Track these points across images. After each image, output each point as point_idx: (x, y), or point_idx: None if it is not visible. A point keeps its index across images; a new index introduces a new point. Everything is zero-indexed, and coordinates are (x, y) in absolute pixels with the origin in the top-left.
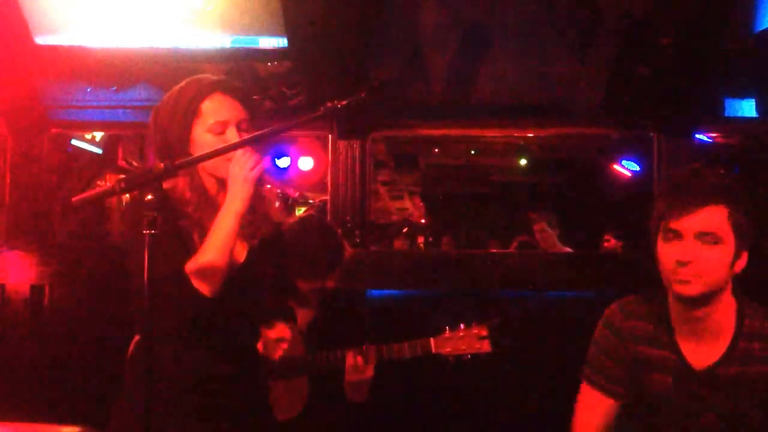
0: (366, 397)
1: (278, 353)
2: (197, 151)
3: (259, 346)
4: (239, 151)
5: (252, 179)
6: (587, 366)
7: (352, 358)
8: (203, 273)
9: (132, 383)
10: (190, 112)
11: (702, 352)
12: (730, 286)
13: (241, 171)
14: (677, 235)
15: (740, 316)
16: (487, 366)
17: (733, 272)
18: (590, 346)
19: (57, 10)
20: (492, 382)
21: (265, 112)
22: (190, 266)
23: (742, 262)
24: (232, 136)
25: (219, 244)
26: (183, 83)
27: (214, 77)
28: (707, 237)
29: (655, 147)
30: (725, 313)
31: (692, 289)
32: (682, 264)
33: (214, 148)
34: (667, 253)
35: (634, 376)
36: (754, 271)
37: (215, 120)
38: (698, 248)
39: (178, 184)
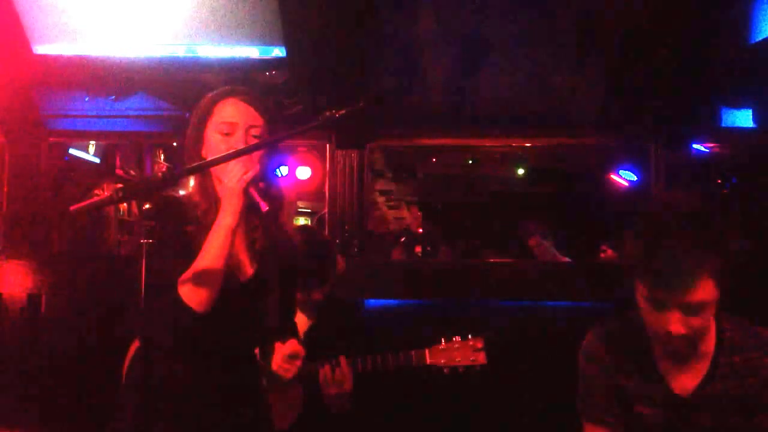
0: (349, 408)
1: (293, 371)
2: (208, 153)
3: (273, 364)
4: (231, 163)
5: (240, 190)
6: (579, 400)
7: (329, 372)
8: (194, 288)
9: (129, 390)
10: (204, 114)
11: (685, 377)
12: None
13: (229, 183)
14: (664, 305)
15: (719, 332)
16: (482, 376)
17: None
18: (578, 380)
19: (56, 20)
20: (487, 391)
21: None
22: (182, 280)
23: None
24: (238, 139)
25: (210, 258)
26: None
27: (239, 86)
28: (696, 307)
29: (652, 157)
30: (704, 333)
31: (684, 349)
32: (674, 336)
33: (219, 148)
34: (656, 320)
35: (623, 407)
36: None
37: (222, 120)
38: (688, 319)
39: (191, 187)
